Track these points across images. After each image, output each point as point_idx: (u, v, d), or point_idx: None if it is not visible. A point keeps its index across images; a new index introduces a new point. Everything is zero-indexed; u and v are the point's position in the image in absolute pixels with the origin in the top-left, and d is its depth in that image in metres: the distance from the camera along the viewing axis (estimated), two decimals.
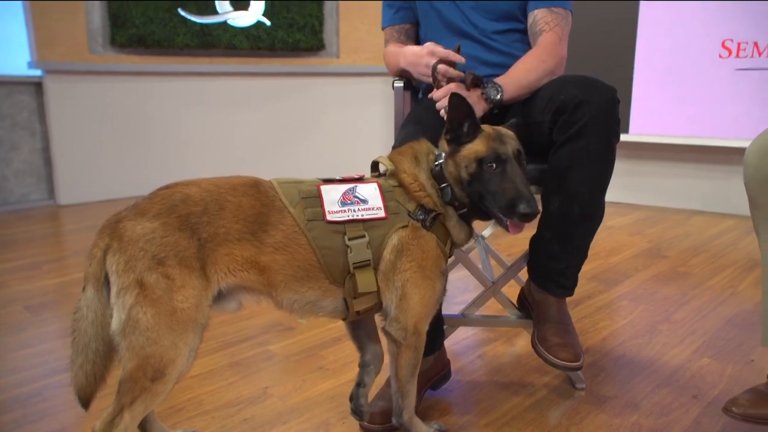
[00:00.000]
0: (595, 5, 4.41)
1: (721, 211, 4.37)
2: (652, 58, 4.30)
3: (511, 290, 1.99)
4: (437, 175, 1.36)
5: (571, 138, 1.50)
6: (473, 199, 1.34)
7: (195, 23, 4.78)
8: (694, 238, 3.68)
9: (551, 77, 1.68)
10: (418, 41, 1.96)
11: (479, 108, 1.57)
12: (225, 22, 4.91)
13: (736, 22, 4.01)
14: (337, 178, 1.37)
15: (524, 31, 1.80)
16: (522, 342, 2.14)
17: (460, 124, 1.34)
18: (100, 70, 4.51)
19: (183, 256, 1.16)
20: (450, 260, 1.48)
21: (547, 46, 1.71)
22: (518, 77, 1.64)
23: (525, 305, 1.76)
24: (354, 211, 1.30)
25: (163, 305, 1.14)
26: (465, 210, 1.36)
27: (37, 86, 4.46)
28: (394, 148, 1.65)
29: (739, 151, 4.17)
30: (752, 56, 3.99)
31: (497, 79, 1.61)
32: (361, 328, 1.52)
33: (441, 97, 1.57)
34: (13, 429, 1.59)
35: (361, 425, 1.57)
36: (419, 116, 1.70)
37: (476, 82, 1.59)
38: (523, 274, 1.82)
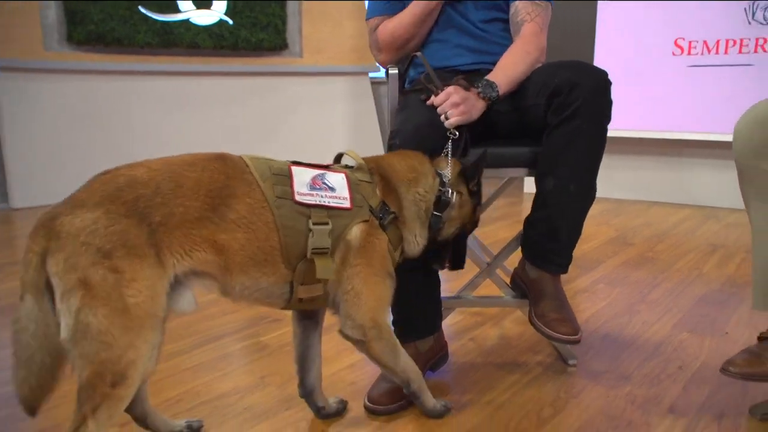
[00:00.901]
0: (555, 6, 4.52)
1: (677, 201, 4.56)
2: (610, 56, 4.46)
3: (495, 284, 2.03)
4: (442, 203, 1.44)
5: (566, 119, 1.55)
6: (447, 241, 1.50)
7: (156, 21, 4.70)
8: (656, 226, 3.83)
9: (535, 67, 1.73)
10: None
11: (479, 107, 1.60)
12: (187, 21, 4.84)
13: (687, 22, 4.20)
14: (305, 162, 1.35)
15: (507, 20, 1.84)
16: (509, 324, 2.18)
17: (479, 180, 1.49)
18: (56, 68, 4.36)
19: (132, 246, 1.06)
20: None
21: (529, 37, 1.76)
22: (507, 72, 1.68)
23: (519, 286, 1.80)
24: (321, 196, 1.27)
25: (113, 303, 1.04)
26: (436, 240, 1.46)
27: None
28: (392, 132, 1.66)
29: (693, 144, 4.36)
30: (702, 54, 4.18)
31: (488, 77, 1.65)
32: (308, 348, 1.50)
33: (442, 101, 1.57)
34: (1, 428, 1.52)
35: (367, 407, 1.57)
36: (415, 109, 1.69)
37: (469, 85, 1.62)
38: (509, 264, 1.87)
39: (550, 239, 1.64)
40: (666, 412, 1.57)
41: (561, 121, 1.56)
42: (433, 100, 1.58)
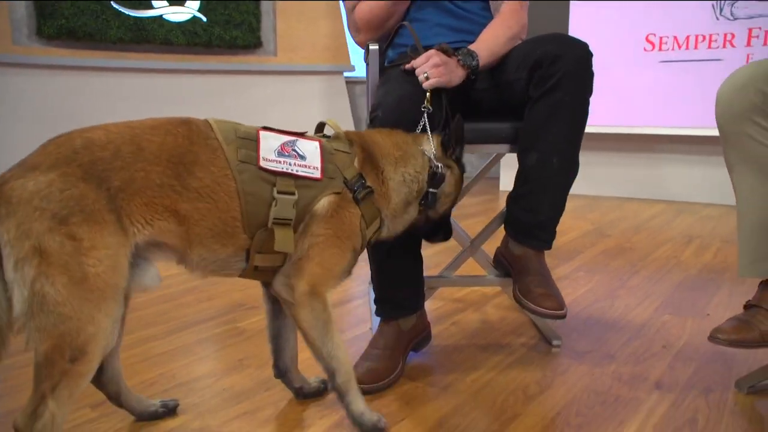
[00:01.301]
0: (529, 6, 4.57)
1: (651, 197, 4.60)
2: None
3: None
4: (437, 180, 1.41)
5: (548, 91, 1.54)
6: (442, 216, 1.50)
7: (129, 17, 4.60)
8: (631, 220, 3.85)
9: (516, 42, 1.72)
10: None
11: (459, 74, 1.59)
12: (160, 17, 4.75)
13: (658, 18, 4.26)
14: (278, 129, 1.28)
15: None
16: (491, 309, 2.16)
17: (461, 148, 1.46)
18: (24, 63, 4.24)
19: (90, 211, 0.99)
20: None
21: (509, 13, 1.76)
22: (488, 44, 1.68)
23: (502, 264, 1.77)
24: (289, 164, 1.20)
25: (72, 273, 0.97)
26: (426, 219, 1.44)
27: None
28: (373, 106, 1.63)
29: (666, 139, 4.42)
30: (673, 49, 4.24)
31: (470, 47, 1.64)
32: (281, 328, 1.45)
33: (422, 62, 1.55)
34: None
35: None
36: (397, 82, 1.67)
37: (449, 52, 1.60)
38: (489, 250, 1.84)
39: (533, 214, 1.62)
40: (653, 388, 1.56)
41: (543, 93, 1.54)
42: (413, 62, 1.56)
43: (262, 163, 1.18)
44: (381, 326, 1.66)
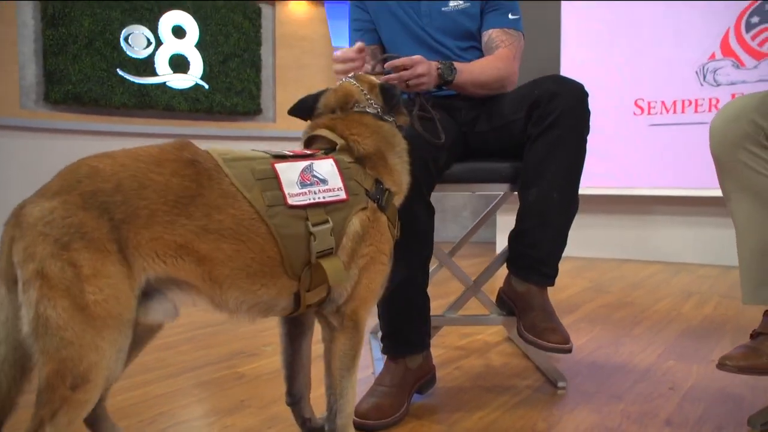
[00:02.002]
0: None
1: (646, 258, 4.63)
2: None
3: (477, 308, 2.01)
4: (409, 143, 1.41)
5: (546, 129, 1.59)
6: None
7: (133, 83, 4.76)
8: (630, 278, 3.86)
9: (501, 84, 1.78)
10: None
11: (431, 79, 1.63)
12: (164, 84, 4.91)
13: (645, 84, 4.43)
14: (289, 153, 1.23)
15: (478, 47, 1.91)
16: (494, 356, 2.13)
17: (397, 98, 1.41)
18: (30, 126, 4.34)
19: (90, 239, 0.98)
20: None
21: (502, 57, 1.83)
22: (473, 70, 1.75)
23: (505, 303, 1.77)
24: (315, 193, 1.17)
25: (73, 298, 0.97)
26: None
27: None
28: None
29: (659, 200, 4.49)
30: (661, 113, 4.39)
31: (456, 64, 1.70)
32: (297, 352, 1.41)
33: (408, 65, 1.58)
34: None
35: (356, 422, 1.49)
36: None
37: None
38: (491, 288, 1.85)
39: (536, 250, 1.64)
40: (663, 425, 1.53)
41: (542, 131, 1.60)
42: (401, 61, 1.57)
43: (290, 201, 1.14)
44: (388, 363, 1.64)
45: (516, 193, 1.72)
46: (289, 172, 1.17)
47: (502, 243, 5.05)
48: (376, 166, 1.29)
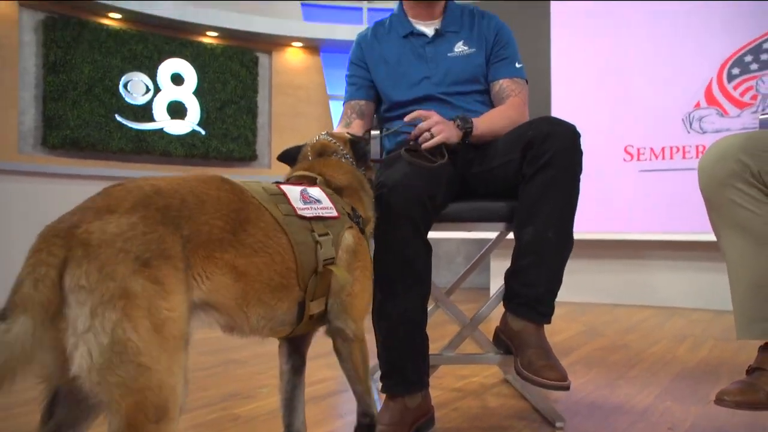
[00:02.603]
0: None
1: (639, 303, 4.65)
2: None
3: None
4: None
5: (541, 168, 1.63)
6: None
7: (131, 129, 4.82)
8: (623, 322, 3.87)
9: (514, 126, 1.84)
10: (371, 118, 2.08)
11: (456, 133, 1.71)
12: (161, 130, 4.99)
13: (634, 131, 4.55)
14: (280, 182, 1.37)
15: (482, 91, 1.97)
16: (491, 397, 2.12)
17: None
18: (27, 171, 4.37)
19: (168, 255, 0.94)
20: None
21: (514, 105, 1.90)
22: (485, 118, 1.81)
23: (502, 342, 1.78)
24: (315, 209, 1.28)
25: (153, 317, 0.89)
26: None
27: None
28: (378, 184, 1.69)
29: (651, 245, 4.54)
30: (650, 159, 4.48)
31: (472, 118, 1.77)
32: (295, 389, 1.45)
33: (425, 117, 1.68)
34: None
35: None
36: (400, 163, 1.74)
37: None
38: (487, 329, 1.86)
39: (532, 288, 1.66)
40: None
41: (536, 171, 1.64)
42: (421, 113, 1.68)
43: (300, 212, 1.24)
44: (386, 402, 1.63)
45: (511, 235, 1.76)
46: (292, 192, 1.28)
47: (495, 288, 5.05)
48: (350, 196, 1.46)
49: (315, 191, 1.34)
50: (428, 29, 1.98)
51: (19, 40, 4.50)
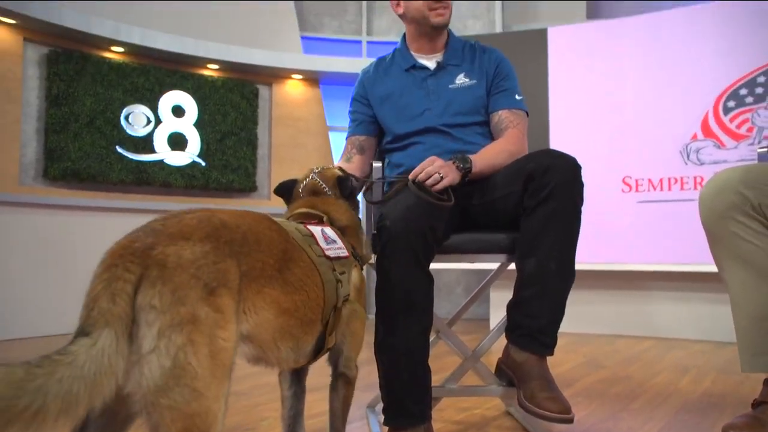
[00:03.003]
0: None
1: (639, 334, 4.63)
2: None
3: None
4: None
5: (542, 200, 1.64)
6: None
7: (132, 160, 4.85)
8: (624, 353, 3.85)
9: (513, 159, 1.86)
10: (372, 153, 2.11)
11: (457, 174, 1.71)
12: (161, 161, 5.01)
13: (632, 163, 4.58)
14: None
15: (482, 123, 2.00)
16: (493, 430, 2.09)
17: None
18: (28, 202, 4.38)
19: (231, 287, 0.99)
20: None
21: (512, 138, 1.92)
22: (484, 154, 1.82)
23: (505, 374, 1.77)
24: (335, 249, 1.39)
25: (211, 345, 0.92)
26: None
27: None
28: (380, 216, 1.71)
29: (650, 275, 4.54)
30: (649, 190, 4.51)
31: (469, 156, 1.78)
32: (297, 416, 1.55)
33: (428, 166, 1.69)
34: None
35: None
36: (402, 195, 1.74)
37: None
38: (488, 362, 1.86)
39: (534, 319, 1.66)
40: None
41: (538, 203, 1.65)
42: (419, 168, 1.68)
43: (327, 252, 1.34)
44: None
45: (511, 266, 1.76)
46: (317, 233, 1.38)
47: (496, 319, 5.03)
48: (350, 235, 1.55)
49: (330, 232, 1.43)
50: (430, 62, 2.02)
51: (22, 73, 4.56)
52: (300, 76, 5.79)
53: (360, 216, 1.70)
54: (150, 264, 0.91)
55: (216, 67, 5.45)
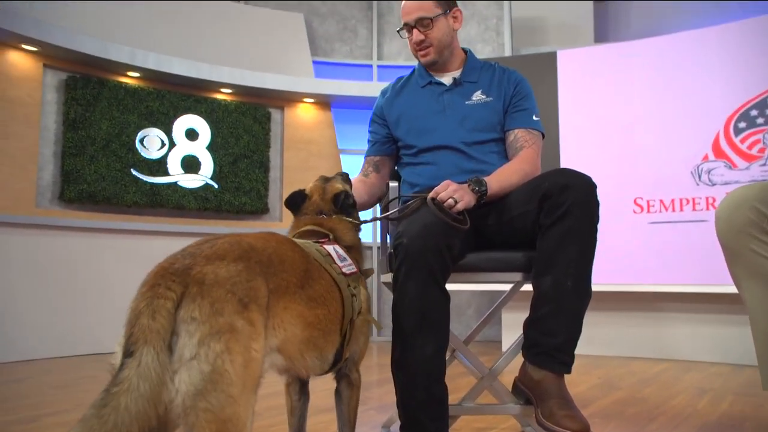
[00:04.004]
0: None
1: (654, 356, 4.58)
2: None
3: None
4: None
5: (559, 219, 1.65)
6: None
7: (146, 183, 4.91)
8: (640, 375, 3.81)
9: (527, 179, 1.87)
10: (388, 172, 2.14)
11: (472, 196, 1.73)
12: (175, 183, 5.07)
13: (642, 184, 4.58)
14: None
15: (497, 140, 2.01)
16: None
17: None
18: (44, 224, 4.44)
19: (261, 304, 1.08)
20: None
21: (526, 158, 1.93)
22: (499, 176, 1.84)
23: (522, 392, 1.77)
24: (347, 266, 1.49)
25: (246, 355, 1.00)
26: None
27: None
28: (397, 234, 1.72)
29: (663, 297, 4.51)
30: (660, 211, 4.50)
31: (484, 178, 1.79)
32: (303, 420, 1.64)
33: (443, 190, 1.71)
34: None
35: None
36: (418, 212, 1.75)
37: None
38: (502, 380, 1.85)
39: (551, 337, 1.66)
40: None
41: (554, 221, 1.66)
42: (436, 191, 1.69)
43: (344, 269, 1.45)
44: None
45: (522, 288, 1.77)
46: (333, 252, 1.49)
47: (508, 340, 5.00)
48: (354, 252, 1.63)
49: (340, 250, 1.53)
50: (446, 79, 2.05)
51: (41, 98, 4.65)
52: (312, 100, 5.86)
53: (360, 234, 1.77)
54: (190, 282, 1.01)
55: (229, 91, 5.53)
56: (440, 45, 1.98)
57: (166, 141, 5.15)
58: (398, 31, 2.03)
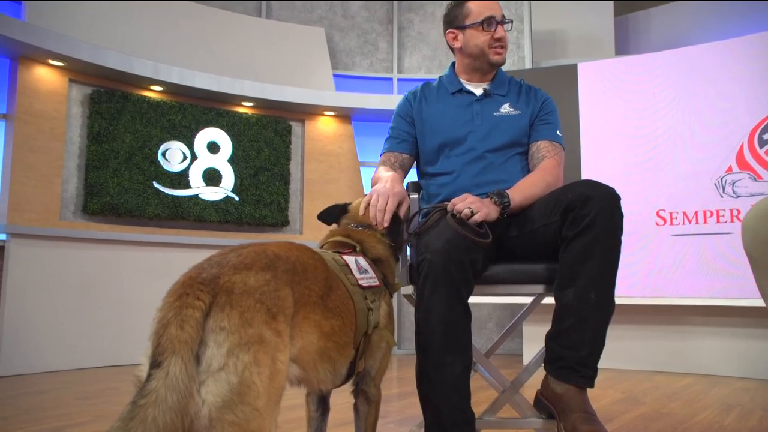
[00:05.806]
0: None
1: (678, 370, 4.50)
2: None
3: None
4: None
5: (582, 230, 1.63)
6: None
7: (167, 195, 4.97)
8: (664, 389, 3.74)
9: (550, 189, 1.86)
10: (406, 173, 2.12)
11: (495, 209, 1.72)
12: (196, 196, 5.12)
13: (665, 196, 4.52)
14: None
15: (523, 153, 2.00)
16: None
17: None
18: (68, 236, 4.51)
19: (288, 314, 1.07)
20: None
21: (548, 168, 1.92)
22: (522, 187, 1.83)
23: (544, 406, 1.74)
24: (367, 279, 1.45)
25: (272, 366, 0.99)
26: None
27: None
28: (420, 252, 1.70)
29: (687, 310, 4.43)
30: (683, 224, 4.44)
31: (506, 190, 1.78)
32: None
33: (460, 201, 1.70)
34: None
35: None
36: (440, 226, 1.71)
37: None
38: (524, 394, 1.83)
39: (574, 350, 1.63)
40: None
41: (577, 233, 1.64)
42: (453, 202, 1.69)
43: (360, 282, 1.41)
44: None
45: (544, 300, 1.75)
46: (351, 263, 1.45)
47: (529, 353, 4.95)
48: (383, 265, 1.61)
49: (363, 262, 1.50)
50: (477, 89, 2.05)
51: (67, 112, 4.74)
52: (332, 113, 5.90)
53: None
54: (218, 291, 0.99)
55: (250, 104, 5.59)
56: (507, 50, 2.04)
57: (188, 154, 5.21)
58: (472, 24, 1.97)
